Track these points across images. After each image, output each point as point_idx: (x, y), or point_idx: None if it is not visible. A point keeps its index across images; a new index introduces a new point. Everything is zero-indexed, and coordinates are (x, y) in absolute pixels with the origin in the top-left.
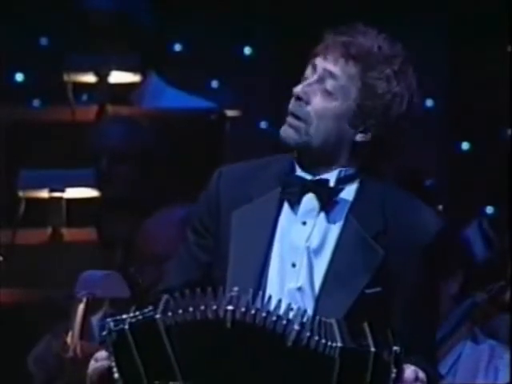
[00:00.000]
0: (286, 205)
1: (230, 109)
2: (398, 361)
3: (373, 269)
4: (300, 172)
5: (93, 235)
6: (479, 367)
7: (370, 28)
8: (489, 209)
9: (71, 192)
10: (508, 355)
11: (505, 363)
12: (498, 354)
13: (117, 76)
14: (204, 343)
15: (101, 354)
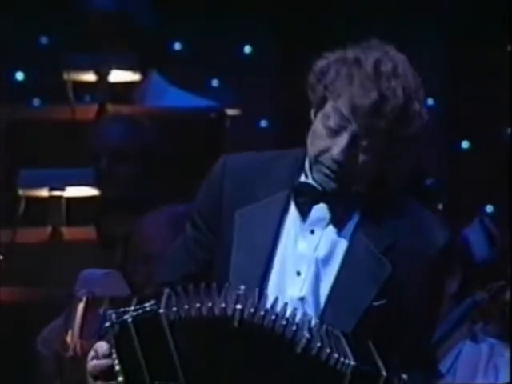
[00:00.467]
0: (294, 210)
1: (230, 108)
2: None
3: (380, 283)
4: (312, 180)
5: (93, 234)
6: (479, 366)
7: (393, 68)
8: (489, 208)
9: (71, 191)
10: (508, 354)
11: (505, 362)
12: (498, 353)
13: (117, 75)
14: (207, 341)
15: (101, 346)
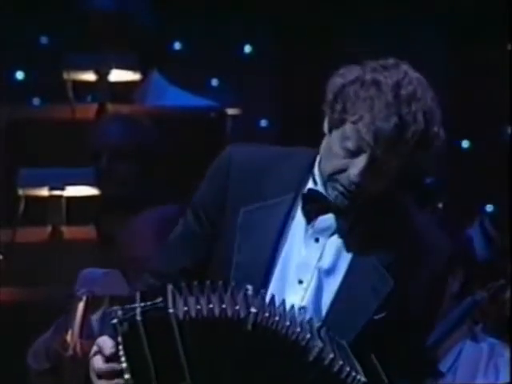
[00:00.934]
0: (299, 216)
1: (230, 107)
2: None
3: (381, 298)
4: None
5: (92, 233)
6: (479, 365)
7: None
8: (489, 207)
9: (71, 190)
10: (508, 353)
11: (505, 361)
12: (498, 353)
13: (117, 74)
14: (217, 342)
15: (104, 341)
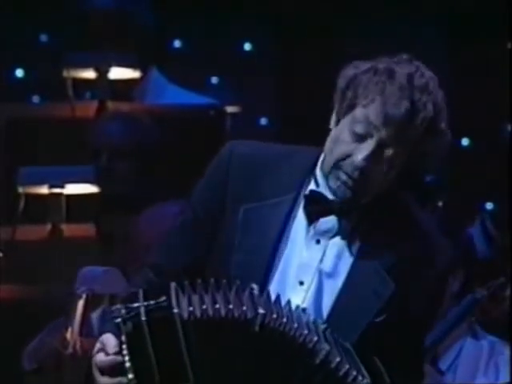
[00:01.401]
0: (300, 217)
1: (230, 105)
2: None
3: (383, 301)
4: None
5: (92, 231)
6: (479, 363)
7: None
8: (489, 205)
9: (71, 188)
10: (508, 351)
11: (505, 360)
12: (498, 351)
13: (117, 72)
14: (222, 342)
15: (107, 339)
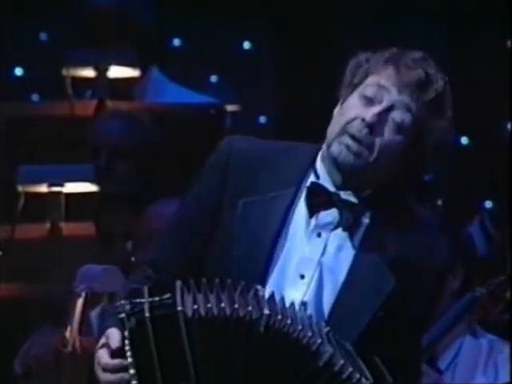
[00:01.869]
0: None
1: (230, 104)
2: None
3: (383, 296)
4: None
5: (91, 230)
6: (478, 362)
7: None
8: (488, 203)
9: (70, 187)
10: (507, 350)
11: (504, 358)
12: (498, 349)
13: (116, 71)
14: (226, 342)
15: (112, 333)
